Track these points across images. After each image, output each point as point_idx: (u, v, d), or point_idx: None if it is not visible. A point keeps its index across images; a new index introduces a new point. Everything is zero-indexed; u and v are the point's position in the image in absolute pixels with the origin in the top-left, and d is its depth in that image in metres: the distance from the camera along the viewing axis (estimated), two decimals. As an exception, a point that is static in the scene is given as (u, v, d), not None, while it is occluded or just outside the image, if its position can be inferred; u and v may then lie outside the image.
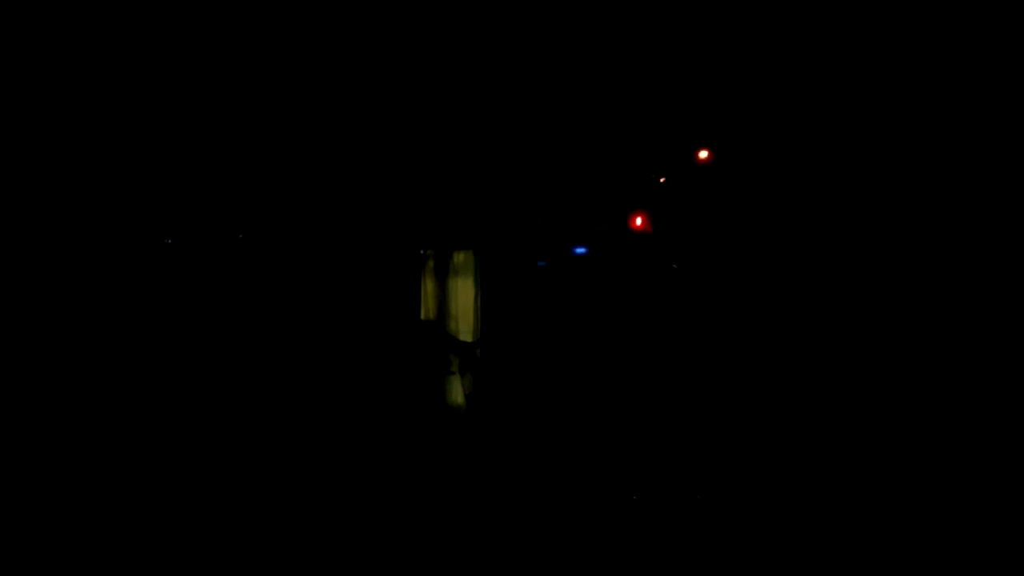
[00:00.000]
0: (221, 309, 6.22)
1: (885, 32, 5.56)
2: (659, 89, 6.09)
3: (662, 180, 6.23)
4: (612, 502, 5.84)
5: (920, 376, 5.61)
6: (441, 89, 6.26)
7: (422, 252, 6.59)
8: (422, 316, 6.60)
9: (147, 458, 5.79)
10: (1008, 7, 5.15)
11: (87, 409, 5.82)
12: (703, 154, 6.09)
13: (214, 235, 6.32)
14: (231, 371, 6.11)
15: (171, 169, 6.23)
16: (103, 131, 6.08)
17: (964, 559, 4.92)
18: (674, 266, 6.20)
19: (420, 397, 6.45)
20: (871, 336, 5.75)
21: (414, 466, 6.16)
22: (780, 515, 5.47)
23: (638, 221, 6.27)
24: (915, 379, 5.59)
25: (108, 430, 5.81)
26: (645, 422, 6.17)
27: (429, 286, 6.61)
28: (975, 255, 5.56)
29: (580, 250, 6.42)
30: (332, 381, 6.25)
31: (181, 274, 6.24)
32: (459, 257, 6.63)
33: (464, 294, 6.63)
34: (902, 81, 5.58)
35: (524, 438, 6.32)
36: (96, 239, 6.03)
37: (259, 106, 6.22)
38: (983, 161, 5.49)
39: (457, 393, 6.58)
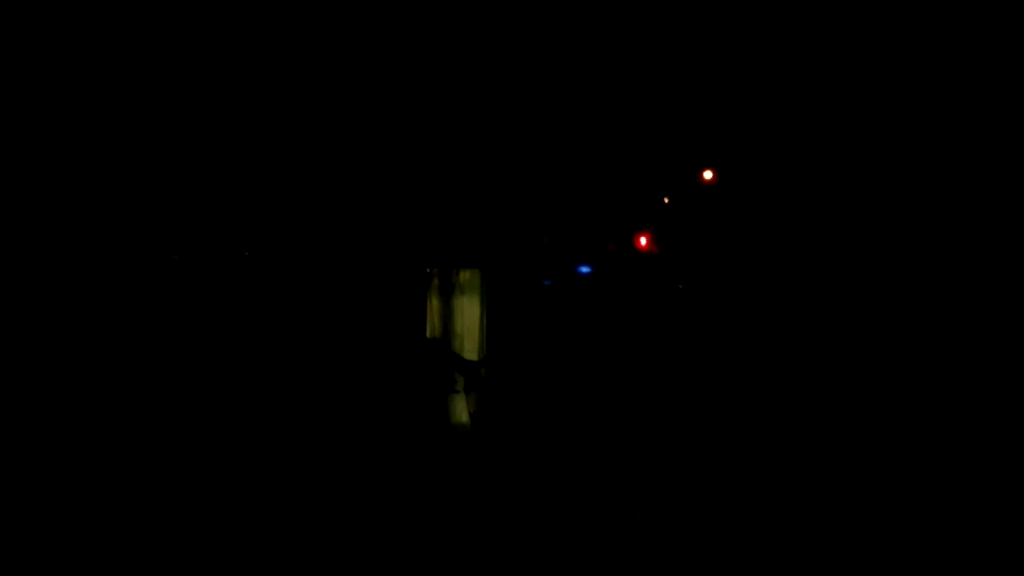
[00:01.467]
0: (228, 325, 6.18)
1: (887, 54, 5.73)
2: (664, 110, 6.22)
3: (667, 200, 6.34)
4: (616, 521, 5.80)
5: (919, 392, 5.67)
6: (449, 109, 6.35)
7: (428, 270, 6.60)
8: (427, 334, 6.58)
9: (159, 474, 5.69)
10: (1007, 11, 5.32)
11: (96, 418, 5.73)
12: (707, 175, 6.21)
13: (221, 252, 6.30)
14: (238, 386, 6.05)
15: (180, 187, 6.24)
16: (114, 150, 6.09)
17: (963, 559, 4.92)
18: (680, 286, 6.27)
19: (425, 415, 6.40)
20: (873, 354, 5.83)
21: (418, 484, 6.08)
22: (785, 536, 5.46)
23: (643, 241, 6.35)
24: (915, 394, 5.66)
25: (116, 442, 5.72)
26: (650, 441, 6.17)
27: (435, 304, 6.61)
28: (977, 276, 5.66)
29: (585, 269, 6.48)
30: (338, 397, 6.20)
31: (189, 291, 6.20)
32: (465, 275, 6.64)
33: (470, 312, 6.63)
34: (905, 102, 5.74)
35: (529, 457, 6.28)
36: (107, 255, 6.00)
37: (267, 124, 6.27)
38: (985, 179, 5.64)
39: (462, 412, 6.54)
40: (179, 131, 6.20)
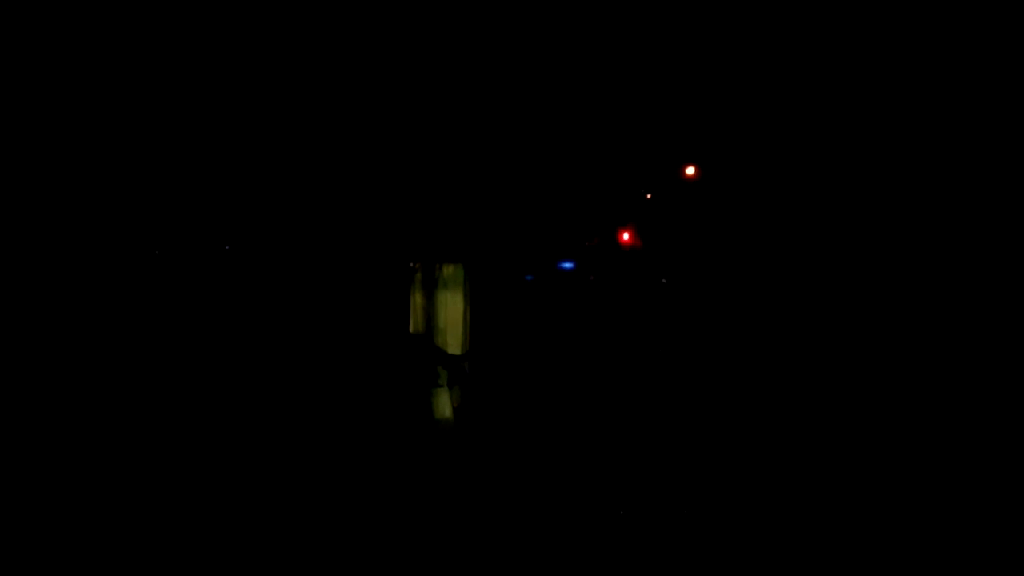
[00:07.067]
0: (209, 320, 6.16)
1: (869, 48, 5.75)
2: (646, 105, 6.21)
3: (649, 196, 6.34)
4: (600, 515, 5.84)
5: (906, 388, 5.71)
6: (431, 104, 6.32)
7: (411, 265, 6.60)
8: (411, 329, 6.58)
9: (133, 471, 5.67)
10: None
11: (66, 419, 5.70)
12: (690, 170, 6.21)
13: (201, 246, 6.26)
14: (219, 381, 6.03)
15: (159, 180, 6.18)
16: (92, 141, 6.03)
17: (962, 560, 4.98)
18: (663, 280, 6.29)
19: (408, 410, 6.42)
20: (858, 349, 5.86)
21: (402, 479, 6.11)
22: (768, 529, 5.52)
23: (626, 236, 6.36)
24: (901, 388, 5.71)
25: (88, 443, 5.70)
26: (634, 435, 6.20)
27: (418, 299, 6.62)
28: (962, 272, 5.69)
29: (567, 265, 6.48)
30: (320, 394, 6.19)
31: (168, 285, 6.16)
32: (448, 270, 6.65)
33: (453, 307, 6.64)
34: (885, 97, 5.76)
35: (513, 452, 6.31)
36: (85, 249, 5.95)
37: (248, 117, 6.22)
38: (968, 176, 5.67)
39: (445, 406, 6.56)
40: (157, 124, 6.14)
